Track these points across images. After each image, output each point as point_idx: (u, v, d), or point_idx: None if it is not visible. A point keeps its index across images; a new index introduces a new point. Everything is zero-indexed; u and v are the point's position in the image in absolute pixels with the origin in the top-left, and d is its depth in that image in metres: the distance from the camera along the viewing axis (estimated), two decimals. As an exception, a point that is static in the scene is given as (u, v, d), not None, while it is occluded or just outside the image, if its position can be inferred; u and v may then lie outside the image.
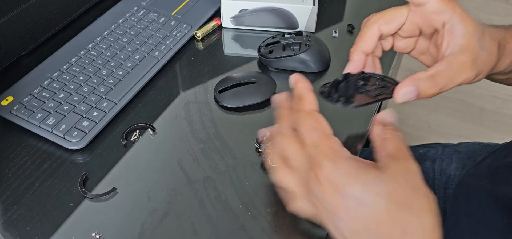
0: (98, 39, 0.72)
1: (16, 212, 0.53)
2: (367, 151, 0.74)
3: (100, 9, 0.80)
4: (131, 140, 0.61)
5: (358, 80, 0.50)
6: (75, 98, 0.63)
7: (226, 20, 0.76)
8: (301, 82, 0.46)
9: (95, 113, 0.62)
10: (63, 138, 0.59)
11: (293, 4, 0.73)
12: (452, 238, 0.61)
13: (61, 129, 0.60)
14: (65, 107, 0.62)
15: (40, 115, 0.61)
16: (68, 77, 0.66)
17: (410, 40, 0.54)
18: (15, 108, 0.62)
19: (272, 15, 0.74)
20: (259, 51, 0.71)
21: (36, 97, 0.63)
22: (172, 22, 0.76)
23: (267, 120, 0.64)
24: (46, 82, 0.65)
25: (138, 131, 0.62)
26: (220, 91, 0.66)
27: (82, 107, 0.62)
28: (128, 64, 0.68)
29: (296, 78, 0.47)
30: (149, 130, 0.62)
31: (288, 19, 0.74)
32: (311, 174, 0.40)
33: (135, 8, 0.78)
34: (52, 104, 0.62)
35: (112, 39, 0.72)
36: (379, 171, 0.39)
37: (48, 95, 0.63)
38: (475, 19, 0.49)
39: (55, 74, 0.66)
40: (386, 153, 0.41)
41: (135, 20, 0.76)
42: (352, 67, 0.51)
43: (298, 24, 0.75)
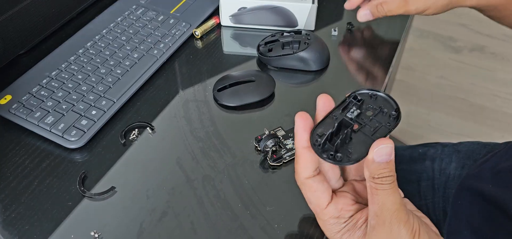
0: (97, 37, 0.72)
1: (14, 211, 0.53)
2: None
3: (99, 7, 0.80)
4: (130, 138, 0.61)
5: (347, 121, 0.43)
6: (74, 97, 0.63)
7: (225, 19, 0.76)
8: (299, 119, 0.43)
9: (93, 112, 0.62)
10: (62, 137, 0.59)
11: (292, 2, 0.73)
12: None
13: (59, 127, 0.59)
14: (63, 106, 0.62)
15: (38, 114, 0.61)
16: (66, 75, 0.66)
17: None
18: (13, 107, 0.61)
19: (271, 13, 0.74)
20: (258, 49, 0.70)
21: (34, 96, 0.63)
22: (171, 21, 0.75)
23: (266, 118, 0.64)
24: (44, 81, 0.65)
25: (137, 130, 0.62)
26: (219, 90, 0.65)
27: (80, 106, 0.62)
28: (127, 63, 0.68)
29: (320, 98, 0.45)
30: (148, 128, 0.62)
31: (287, 18, 0.74)
32: None
33: (134, 7, 0.78)
34: (51, 103, 0.62)
35: (110, 37, 0.72)
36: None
37: (46, 94, 0.63)
38: None
39: (53, 73, 0.66)
40: (374, 211, 0.41)
41: (134, 18, 0.76)
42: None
43: (297, 22, 0.75)
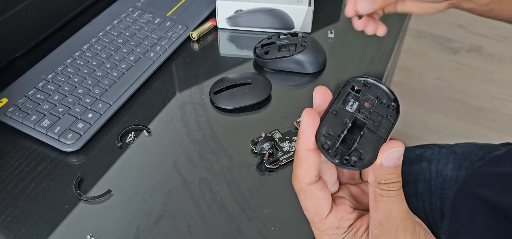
0: (93, 40, 0.72)
1: (10, 215, 0.53)
2: None
3: (95, 10, 0.80)
4: (126, 141, 0.61)
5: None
6: (70, 100, 0.63)
7: (222, 21, 0.76)
8: (307, 116, 0.37)
9: (90, 115, 0.61)
10: (58, 140, 0.59)
11: (288, 4, 0.73)
12: None
13: (55, 130, 0.59)
14: (60, 109, 0.62)
15: (34, 117, 0.60)
16: (63, 78, 0.66)
17: None
18: (9, 110, 0.61)
19: (267, 15, 0.74)
20: (254, 52, 0.70)
21: (30, 99, 0.63)
22: (168, 23, 0.75)
23: (263, 120, 0.64)
24: (41, 84, 0.65)
25: (133, 133, 0.62)
26: (216, 93, 0.65)
27: (77, 109, 0.62)
28: (123, 66, 0.68)
29: (317, 90, 0.40)
30: (144, 131, 0.62)
31: (283, 20, 0.74)
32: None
33: (130, 9, 0.78)
34: (47, 106, 0.62)
35: (107, 40, 0.72)
36: None
37: (42, 97, 0.63)
38: None
39: (49, 76, 0.66)
40: (378, 219, 0.38)
41: (130, 21, 0.76)
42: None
43: (293, 24, 0.75)
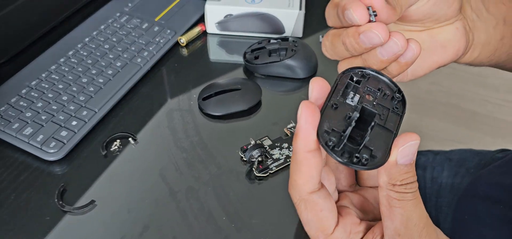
0: (79, 46, 0.70)
1: (-11, 227, 0.51)
2: None
3: (82, 15, 0.78)
4: (112, 150, 0.59)
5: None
6: (54, 107, 0.61)
7: (211, 26, 0.75)
8: (305, 110, 0.32)
9: (74, 123, 0.60)
10: (40, 149, 0.57)
11: (279, 8, 0.72)
12: None
13: (38, 139, 0.58)
14: (43, 117, 0.60)
15: (17, 125, 0.59)
16: (47, 85, 0.64)
17: None
18: (-10, 118, 0.59)
19: (258, 20, 0.73)
20: (244, 57, 0.69)
21: (13, 107, 0.61)
22: (156, 28, 0.74)
23: (252, 127, 0.62)
24: (24, 91, 0.63)
25: (119, 141, 0.60)
26: (204, 99, 0.64)
27: (60, 117, 0.60)
28: (110, 72, 0.66)
29: (314, 82, 0.35)
30: (130, 139, 0.60)
31: (274, 24, 0.73)
32: None
33: (118, 14, 0.76)
34: (30, 113, 0.60)
35: (93, 46, 0.70)
36: None
37: (26, 104, 0.61)
38: None
39: (33, 83, 0.64)
40: (395, 228, 0.33)
41: (118, 26, 0.74)
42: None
43: (284, 29, 0.73)
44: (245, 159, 0.57)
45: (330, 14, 0.37)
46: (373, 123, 0.32)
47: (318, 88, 0.34)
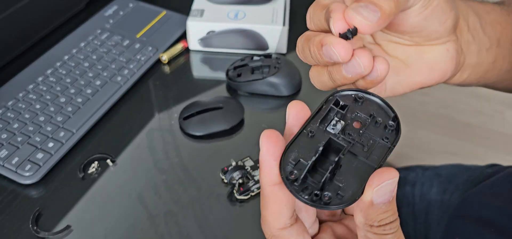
0: (58, 64, 0.68)
1: (-41, 256, 0.49)
2: None
3: (62, 31, 0.77)
4: (89, 172, 0.58)
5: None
6: (30, 128, 0.60)
7: (194, 43, 0.73)
8: (266, 140, 0.30)
9: (51, 144, 0.58)
10: (16, 172, 0.56)
11: (262, 25, 0.70)
12: None
13: (13, 162, 0.56)
14: (18, 139, 0.58)
15: (-9, 147, 0.57)
16: (24, 105, 0.62)
17: None
18: (-36, 140, 0.58)
19: (241, 36, 0.71)
20: (227, 74, 0.67)
21: (-12, 128, 0.59)
22: (137, 45, 0.72)
23: (234, 147, 0.60)
24: (0, 111, 0.61)
25: (97, 162, 0.58)
26: (185, 118, 0.62)
27: (37, 138, 0.58)
28: (89, 91, 0.65)
29: (291, 106, 0.32)
30: (108, 160, 0.59)
31: (257, 41, 0.72)
32: None
33: (99, 31, 0.75)
34: (5, 135, 0.59)
35: (72, 64, 0.69)
36: None
37: (1, 125, 0.60)
38: None
39: (10, 103, 0.63)
40: None
41: (98, 43, 0.72)
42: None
43: (268, 45, 0.72)
44: (226, 181, 0.56)
45: (315, 15, 0.34)
46: (337, 158, 0.29)
47: (295, 113, 0.32)
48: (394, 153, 0.31)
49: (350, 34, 0.31)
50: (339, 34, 0.31)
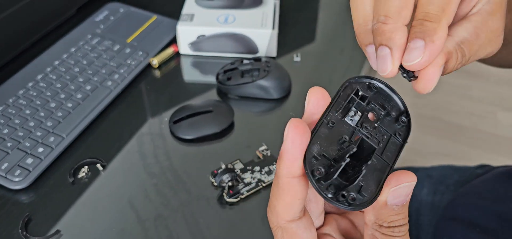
0: (49, 69, 0.69)
1: None
2: None
3: (53, 37, 0.77)
4: (79, 177, 0.58)
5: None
6: (20, 133, 0.60)
7: (184, 47, 0.73)
8: (293, 130, 0.28)
9: (40, 150, 0.58)
10: (5, 177, 0.56)
11: (251, 28, 0.71)
12: None
13: (3, 167, 0.56)
14: (8, 144, 0.58)
15: (-20, 153, 0.57)
16: (14, 111, 0.62)
17: None
18: (-47, 146, 0.58)
19: (231, 40, 0.72)
20: (217, 78, 0.68)
21: (-23, 134, 0.59)
22: (127, 50, 0.72)
23: (224, 150, 0.61)
24: (-11, 117, 0.62)
25: (87, 167, 0.58)
26: (176, 122, 0.62)
27: (27, 144, 0.58)
28: (79, 96, 0.65)
29: (312, 92, 0.30)
30: (98, 165, 0.59)
31: (247, 45, 0.72)
32: None
33: (89, 36, 0.75)
34: (-5, 141, 0.59)
35: (63, 69, 0.69)
36: None
37: (-9, 131, 0.60)
38: None
39: (0, 109, 0.63)
40: None
41: (89, 48, 0.72)
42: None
43: (258, 49, 0.72)
44: (215, 184, 0.56)
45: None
46: (370, 161, 0.28)
47: (316, 100, 0.30)
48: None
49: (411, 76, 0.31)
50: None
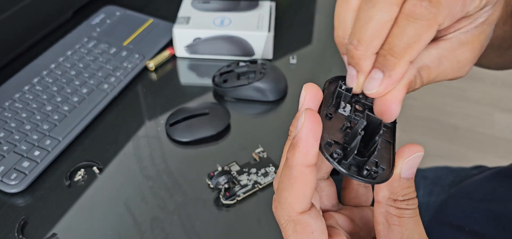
0: (45, 73, 0.69)
1: None
2: None
3: (49, 41, 0.77)
4: (76, 180, 0.58)
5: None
6: (16, 137, 0.60)
7: (180, 50, 0.74)
8: (309, 118, 0.28)
9: (37, 153, 0.58)
10: (1, 181, 0.56)
11: (247, 31, 0.71)
12: None
13: (-2, 171, 0.56)
14: (4, 148, 0.58)
15: (-24, 157, 0.57)
16: (10, 114, 0.62)
17: None
18: (-51, 150, 0.58)
19: (227, 43, 0.72)
20: (213, 81, 0.68)
21: (-27, 138, 0.59)
22: (124, 53, 0.73)
23: (220, 152, 0.61)
24: (-14, 121, 0.62)
25: (83, 170, 0.58)
26: (172, 124, 0.63)
27: (23, 147, 0.58)
28: (75, 99, 0.65)
29: (308, 89, 0.31)
30: (95, 168, 0.59)
31: (243, 47, 0.72)
32: None
33: (86, 39, 0.75)
34: (-9, 144, 0.59)
35: (59, 72, 0.69)
36: None
37: (-13, 135, 0.60)
38: None
39: (-4, 112, 0.63)
40: None
41: (85, 51, 0.72)
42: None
43: (254, 51, 0.73)
44: (212, 186, 0.56)
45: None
46: (381, 130, 0.29)
47: (312, 95, 0.30)
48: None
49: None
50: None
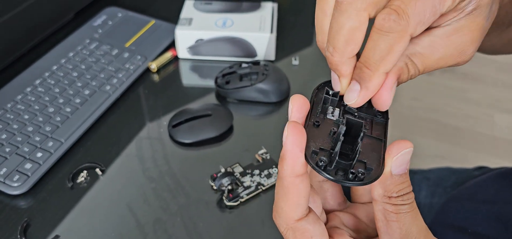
0: (47, 74, 0.68)
1: None
2: None
3: (51, 42, 0.77)
4: (78, 181, 0.57)
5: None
6: (19, 138, 0.59)
7: (182, 51, 0.73)
8: (292, 131, 0.29)
9: (39, 154, 0.58)
10: (3, 182, 0.55)
11: (250, 32, 0.71)
12: None
13: (1, 172, 0.56)
14: (7, 149, 0.58)
15: (-21, 159, 0.57)
16: (12, 116, 0.62)
17: None
18: (-48, 152, 0.57)
19: (229, 44, 0.72)
20: (216, 82, 0.68)
21: (-24, 140, 0.59)
22: (126, 55, 0.72)
23: (223, 154, 0.61)
24: (-12, 122, 0.61)
25: (86, 172, 0.58)
26: (174, 126, 0.62)
27: (25, 149, 0.58)
28: (77, 101, 0.65)
29: (294, 101, 0.32)
30: (97, 169, 0.58)
31: (246, 48, 0.72)
32: None
33: (88, 41, 0.75)
34: (-7, 146, 0.59)
35: (61, 74, 0.69)
36: None
37: (-11, 136, 0.60)
38: None
39: (-2, 114, 0.63)
40: None
41: (87, 53, 0.72)
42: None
43: (256, 52, 0.72)
44: (215, 188, 0.56)
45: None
46: (361, 133, 0.30)
47: (298, 106, 0.32)
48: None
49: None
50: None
